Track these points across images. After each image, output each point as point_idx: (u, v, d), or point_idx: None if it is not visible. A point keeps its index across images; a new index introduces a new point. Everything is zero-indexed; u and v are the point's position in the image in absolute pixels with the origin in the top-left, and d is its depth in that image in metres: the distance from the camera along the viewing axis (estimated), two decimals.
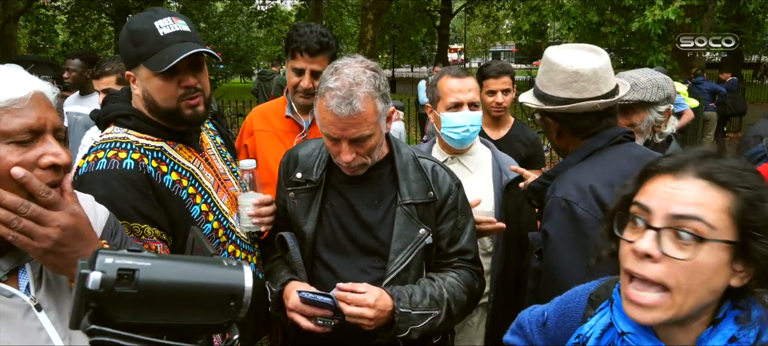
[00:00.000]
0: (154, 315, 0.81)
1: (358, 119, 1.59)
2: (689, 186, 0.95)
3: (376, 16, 16.29)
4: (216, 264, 0.87)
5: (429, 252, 1.81)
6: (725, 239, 0.92)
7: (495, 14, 31.92)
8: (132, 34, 1.60)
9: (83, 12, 24.63)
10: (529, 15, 13.40)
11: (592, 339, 1.09)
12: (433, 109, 2.37)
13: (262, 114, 2.64)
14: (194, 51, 1.55)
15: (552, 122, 1.85)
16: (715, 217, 0.92)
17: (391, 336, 1.66)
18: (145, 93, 1.63)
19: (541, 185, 1.86)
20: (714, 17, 16.00)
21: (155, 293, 0.80)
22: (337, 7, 27.41)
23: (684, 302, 0.93)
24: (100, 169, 1.54)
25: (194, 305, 0.83)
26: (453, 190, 1.83)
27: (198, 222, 1.66)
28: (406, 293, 1.68)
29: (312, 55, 2.37)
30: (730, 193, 0.93)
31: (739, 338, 0.93)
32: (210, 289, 0.84)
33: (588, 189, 1.64)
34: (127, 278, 0.78)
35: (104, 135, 1.66)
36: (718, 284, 0.94)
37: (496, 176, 2.37)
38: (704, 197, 0.93)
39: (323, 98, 1.62)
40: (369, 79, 1.62)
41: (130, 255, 0.81)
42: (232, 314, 0.85)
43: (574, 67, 1.75)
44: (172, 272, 0.82)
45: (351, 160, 1.65)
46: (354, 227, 1.76)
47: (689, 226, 0.92)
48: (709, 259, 0.92)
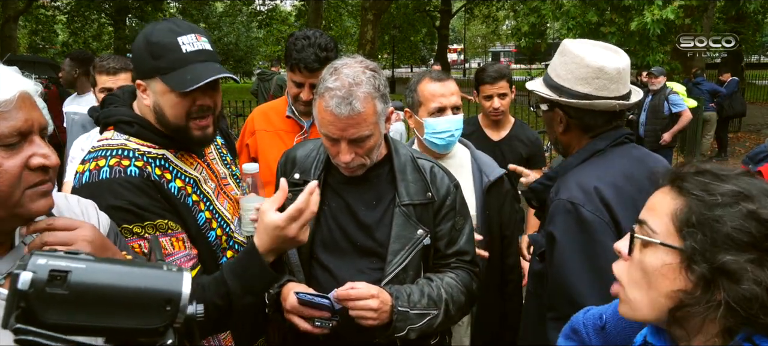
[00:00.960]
0: (87, 317, 0.81)
1: (357, 119, 1.59)
2: (658, 194, 1.04)
3: (376, 17, 16.30)
4: (154, 268, 0.88)
5: (427, 253, 1.80)
6: (664, 242, 0.97)
7: (495, 15, 31.96)
8: (151, 46, 1.54)
9: (83, 12, 24.67)
10: (529, 16, 13.40)
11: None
12: (414, 113, 2.33)
13: (264, 114, 2.65)
14: (219, 76, 1.53)
15: (561, 115, 1.80)
16: (659, 221, 0.99)
17: (389, 336, 1.65)
18: (157, 106, 1.58)
19: (542, 186, 1.84)
20: (713, 17, 16.01)
21: (87, 295, 0.81)
22: (337, 7, 27.44)
23: (635, 298, 1.01)
24: (105, 178, 1.50)
25: (128, 308, 0.84)
26: (451, 191, 1.82)
27: (204, 229, 1.64)
28: (404, 293, 1.68)
29: (311, 72, 2.37)
30: (683, 199, 0.97)
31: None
32: (145, 293, 0.84)
33: (593, 190, 1.62)
34: (59, 279, 0.79)
35: (102, 140, 1.61)
36: (668, 287, 0.96)
37: (477, 177, 2.35)
38: (658, 203, 1.01)
39: (322, 98, 1.61)
40: (368, 80, 1.61)
41: (65, 257, 0.82)
42: (169, 318, 0.85)
43: (599, 63, 1.71)
44: (106, 276, 0.83)
45: (350, 160, 1.64)
46: (352, 228, 1.76)
47: (640, 230, 1.01)
48: (653, 260, 0.98)
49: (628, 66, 1.76)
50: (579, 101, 1.72)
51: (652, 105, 8.03)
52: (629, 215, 1.60)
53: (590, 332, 1.33)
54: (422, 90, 2.28)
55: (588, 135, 1.78)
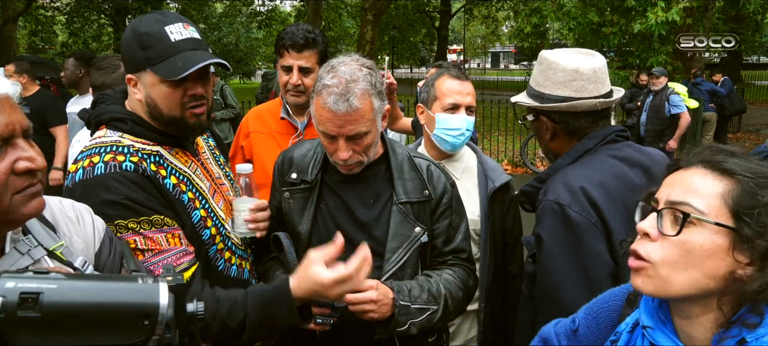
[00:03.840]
0: (62, 338, 0.78)
1: (355, 116, 1.59)
2: (691, 175, 1.01)
3: (376, 17, 16.29)
4: (130, 281, 0.85)
5: (424, 251, 1.80)
6: (715, 222, 0.95)
7: (494, 15, 31.97)
8: (139, 37, 1.52)
9: (82, 13, 24.66)
10: (531, 16, 13.37)
11: (624, 334, 1.16)
12: (427, 108, 2.31)
13: (258, 115, 2.64)
14: (210, 62, 1.52)
15: (547, 123, 1.82)
16: (707, 201, 0.97)
17: (390, 331, 1.64)
18: (149, 99, 1.56)
19: (533, 189, 1.84)
20: (713, 18, 16.01)
21: (61, 316, 0.78)
22: (336, 8, 27.47)
23: (670, 275, 0.99)
24: (99, 174, 1.47)
25: (104, 326, 0.80)
26: (448, 189, 1.83)
27: (198, 228, 1.63)
28: (405, 287, 1.67)
29: (298, 51, 2.39)
30: (729, 180, 0.97)
31: (748, 340, 0.94)
32: (120, 309, 0.81)
33: (579, 191, 1.62)
34: (31, 301, 0.76)
35: (95, 139, 1.59)
36: (715, 269, 0.96)
37: (482, 182, 2.32)
38: (700, 184, 0.99)
39: (320, 96, 1.61)
40: (365, 77, 1.62)
41: (34, 278, 0.79)
42: (147, 332, 0.82)
43: (573, 65, 1.74)
44: (79, 294, 0.80)
45: (348, 157, 1.65)
46: (349, 227, 1.75)
47: (681, 209, 0.98)
48: (700, 239, 0.96)
49: (604, 66, 1.79)
50: (560, 105, 1.75)
51: (653, 105, 8.03)
52: (619, 215, 1.60)
53: (562, 340, 1.34)
54: (440, 85, 2.27)
55: (576, 138, 1.80)
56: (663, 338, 1.05)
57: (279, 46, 2.44)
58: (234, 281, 1.69)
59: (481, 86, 22.86)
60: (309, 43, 2.39)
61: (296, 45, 2.38)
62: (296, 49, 2.39)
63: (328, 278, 1.40)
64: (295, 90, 2.42)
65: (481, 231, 2.27)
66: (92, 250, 1.26)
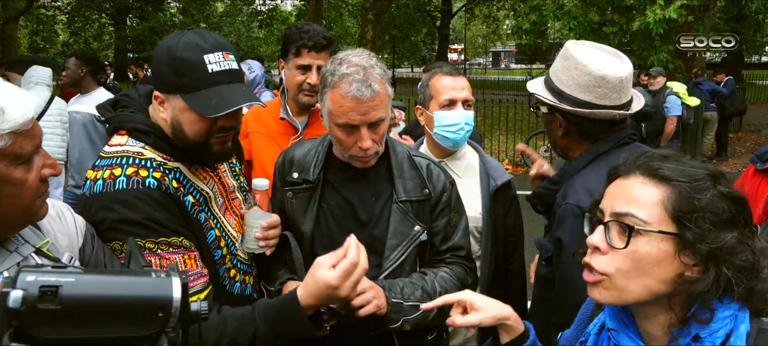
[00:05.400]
0: (80, 330, 0.82)
1: (377, 101, 1.60)
2: (631, 184, 1.05)
3: (377, 16, 16.28)
4: (144, 275, 0.88)
5: (423, 249, 1.81)
6: (659, 230, 0.98)
7: (495, 14, 31.92)
8: (175, 61, 1.44)
9: (83, 12, 24.67)
10: (530, 14, 13.34)
11: (592, 336, 1.19)
12: (425, 109, 2.32)
13: (257, 115, 2.60)
14: (246, 104, 1.48)
15: (561, 120, 1.80)
16: (649, 210, 1.00)
17: (384, 328, 1.65)
18: (175, 121, 1.50)
19: (547, 191, 1.83)
20: (714, 17, 15.98)
21: (79, 308, 0.81)
22: (337, 7, 27.44)
23: (626, 284, 1.02)
24: (121, 189, 1.42)
25: (120, 318, 0.84)
26: (447, 188, 1.84)
27: (212, 248, 1.60)
28: (397, 285, 1.68)
29: (318, 51, 2.37)
30: (666, 186, 1.01)
31: (702, 336, 0.97)
32: (136, 301, 0.85)
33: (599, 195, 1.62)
34: (50, 294, 0.79)
35: (116, 145, 1.53)
36: (665, 274, 1.00)
37: (484, 180, 2.33)
38: (640, 193, 1.02)
39: (338, 87, 1.60)
40: (377, 63, 1.66)
41: (53, 272, 0.82)
42: (160, 324, 0.86)
43: (601, 72, 1.68)
44: (96, 287, 0.84)
45: (370, 146, 1.64)
46: (350, 225, 1.76)
47: (625, 220, 1.02)
48: (647, 248, 0.99)
49: (631, 73, 1.74)
50: (579, 109, 1.71)
51: (651, 105, 8.03)
52: None
53: None
54: (434, 83, 2.29)
55: (587, 140, 1.78)
56: (626, 340, 1.08)
57: (297, 45, 2.38)
58: (237, 298, 1.66)
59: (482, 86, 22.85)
60: (329, 43, 2.39)
61: (318, 45, 2.35)
62: (317, 50, 2.36)
63: (335, 276, 1.38)
64: (311, 90, 2.40)
65: (482, 229, 2.28)
66: (76, 246, 1.30)
